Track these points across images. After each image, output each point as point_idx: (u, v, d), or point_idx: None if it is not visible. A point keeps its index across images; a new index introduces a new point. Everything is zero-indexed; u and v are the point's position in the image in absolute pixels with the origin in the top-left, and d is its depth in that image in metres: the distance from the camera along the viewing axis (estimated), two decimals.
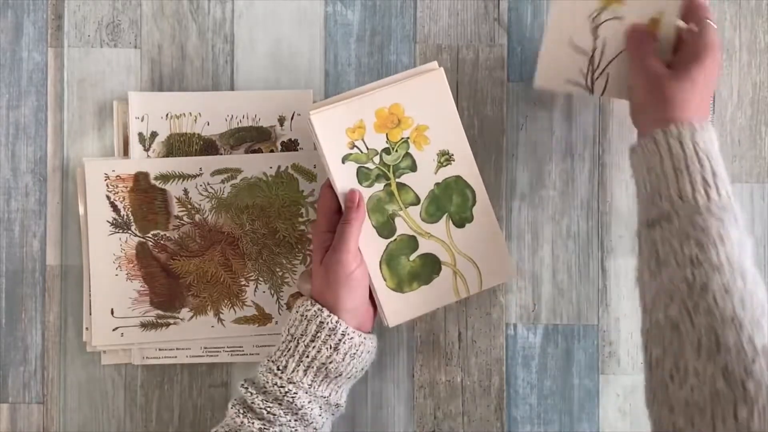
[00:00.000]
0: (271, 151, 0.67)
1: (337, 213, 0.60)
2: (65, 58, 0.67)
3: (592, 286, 0.68)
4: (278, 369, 0.56)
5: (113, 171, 0.66)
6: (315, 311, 0.57)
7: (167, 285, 0.66)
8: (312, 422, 0.56)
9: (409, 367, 0.68)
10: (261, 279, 0.67)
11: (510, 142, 0.68)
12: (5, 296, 0.67)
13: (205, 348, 0.67)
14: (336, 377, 0.57)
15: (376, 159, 0.61)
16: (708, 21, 0.57)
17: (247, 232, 0.67)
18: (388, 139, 0.61)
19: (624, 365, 0.68)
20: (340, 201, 0.60)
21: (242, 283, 0.67)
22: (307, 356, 0.56)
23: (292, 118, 0.67)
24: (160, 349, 0.67)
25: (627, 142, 0.68)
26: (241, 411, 0.56)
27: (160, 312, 0.66)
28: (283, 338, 0.58)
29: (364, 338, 0.58)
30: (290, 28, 0.68)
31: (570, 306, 0.68)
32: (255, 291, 0.67)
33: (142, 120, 0.66)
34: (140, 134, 0.66)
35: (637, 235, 0.57)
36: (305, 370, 0.56)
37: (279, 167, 0.66)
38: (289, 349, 0.57)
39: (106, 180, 0.66)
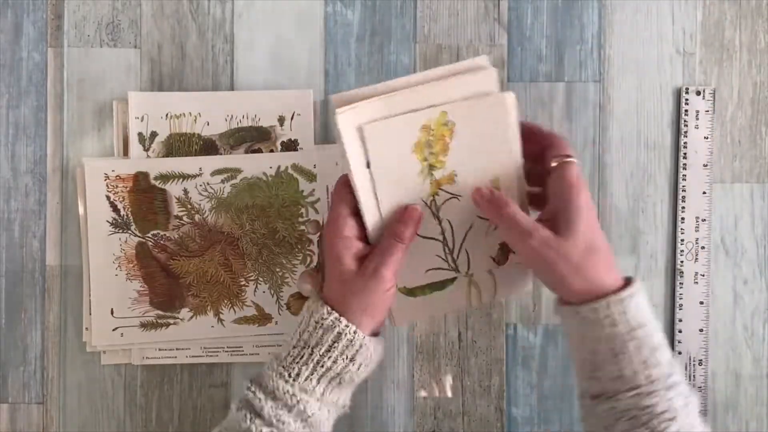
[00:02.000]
0: (271, 151, 0.67)
1: (356, 215, 0.55)
2: (65, 58, 0.67)
3: None
4: (290, 376, 0.54)
5: (113, 171, 0.66)
6: (332, 320, 0.53)
7: (167, 285, 0.66)
8: (320, 426, 0.55)
9: (409, 366, 0.68)
10: (261, 279, 0.67)
11: None
12: (5, 296, 0.67)
13: (205, 348, 0.67)
14: (348, 384, 0.56)
15: None
16: (566, 160, 0.53)
17: (247, 232, 0.67)
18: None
19: None
20: (361, 208, 0.54)
21: (242, 283, 0.67)
22: (322, 366, 0.54)
23: (292, 118, 0.67)
24: (160, 349, 0.67)
25: (627, 143, 0.68)
26: (249, 416, 0.53)
27: (159, 312, 0.66)
28: (293, 342, 0.55)
29: (377, 344, 0.56)
30: (290, 28, 0.68)
31: None
32: (255, 291, 0.67)
33: (141, 120, 0.66)
34: (140, 134, 0.66)
35: (579, 399, 0.54)
36: (319, 379, 0.54)
37: (279, 167, 0.66)
38: (302, 357, 0.54)
39: (105, 180, 0.66)
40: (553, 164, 0.54)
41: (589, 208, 0.52)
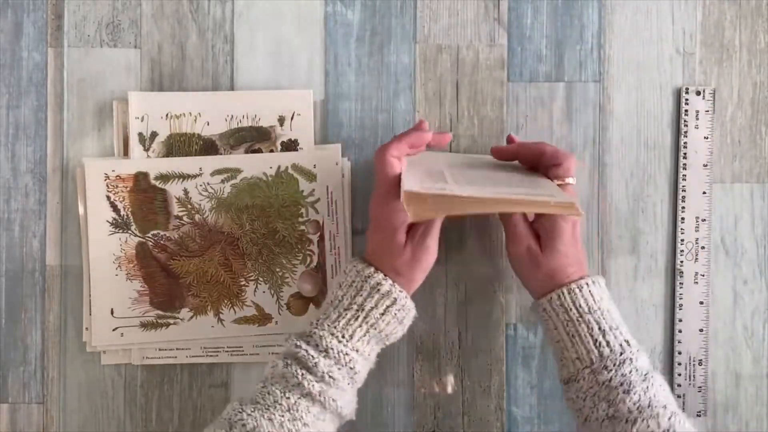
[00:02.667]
0: (271, 151, 0.67)
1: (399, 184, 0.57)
2: (65, 58, 0.67)
3: None
4: (343, 337, 0.57)
5: (113, 171, 0.66)
6: (389, 287, 0.57)
7: (167, 285, 0.66)
8: (360, 381, 0.58)
9: (409, 366, 0.68)
10: (261, 279, 0.67)
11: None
12: (5, 296, 0.67)
13: (205, 348, 0.67)
14: (389, 341, 0.60)
15: None
16: (564, 182, 0.59)
17: (247, 232, 0.67)
18: None
19: None
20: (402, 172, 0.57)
21: (242, 283, 0.67)
22: (376, 328, 0.58)
23: (292, 118, 0.67)
24: (160, 349, 0.67)
25: (627, 143, 0.68)
26: (300, 371, 0.55)
27: (160, 312, 0.66)
28: (345, 305, 0.58)
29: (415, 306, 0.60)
30: (290, 28, 0.68)
31: None
32: (255, 291, 0.67)
33: (142, 120, 0.66)
34: (140, 134, 0.66)
35: (562, 389, 0.60)
36: (369, 340, 0.58)
37: (279, 167, 0.66)
38: (357, 318, 0.57)
39: (106, 180, 0.66)
40: (556, 183, 0.59)
41: (572, 231, 0.59)
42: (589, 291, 0.58)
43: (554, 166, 0.59)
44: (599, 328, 0.57)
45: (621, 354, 0.56)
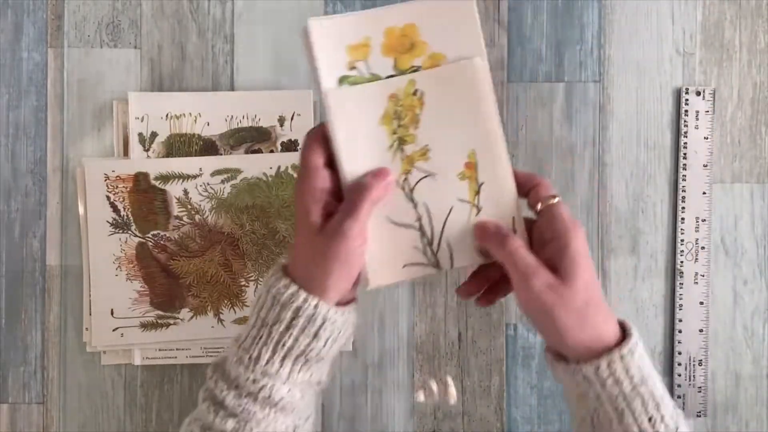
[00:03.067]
0: (271, 151, 0.67)
1: (331, 166, 0.50)
2: (65, 58, 0.67)
3: None
4: (250, 360, 0.49)
5: (113, 171, 0.66)
6: (289, 295, 0.48)
7: (167, 285, 0.66)
8: (294, 408, 0.50)
9: (409, 367, 0.68)
10: (261, 279, 0.67)
11: (510, 143, 0.68)
12: (5, 296, 0.67)
13: (205, 348, 0.67)
14: (318, 361, 0.50)
15: None
16: (552, 201, 0.50)
17: (247, 232, 0.67)
18: (396, 65, 0.51)
19: None
20: (330, 135, 0.50)
21: (242, 283, 0.67)
22: (283, 345, 0.48)
23: (292, 118, 0.67)
24: (160, 350, 0.67)
25: (627, 143, 0.68)
26: (211, 408, 0.49)
27: (160, 312, 0.66)
28: (252, 321, 0.50)
29: (348, 315, 0.50)
30: (290, 28, 0.68)
31: None
32: (255, 291, 0.67)
33: (141, 120, 0.66)
34: (140, 134, 0.66)
35: None
36: (282, 360, 0.49)
37: (279, 167, 0.66)
38: (261, 337, 0.49)
39: (106, 180, 0.66)
40: (540, 207, 0.50)
41: (586, 252, 0.49)
42: (640, 355, 0.49)
43: (531, 190, 0.51)
44: (654, 401, 0.48)
45: (677, 430, 0.48)
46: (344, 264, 0.48)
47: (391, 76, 0.51)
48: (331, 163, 0.50)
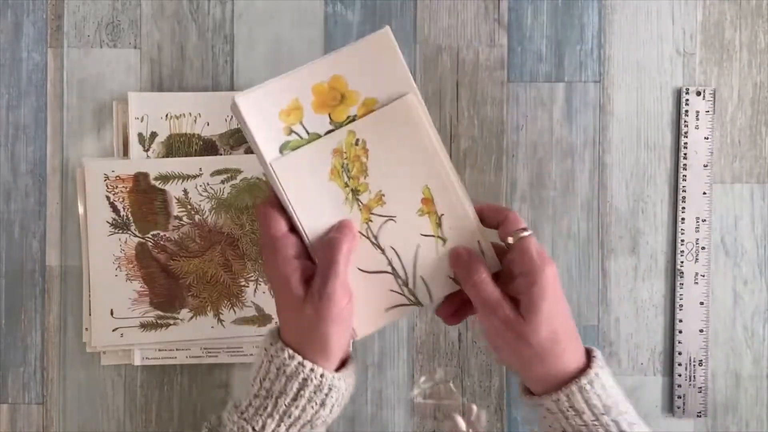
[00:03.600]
0: None
1: (293, 231, 0.51)
2: (65, 58, 0.67)
3: (592, 286, 0.68)
4: (254, 430, 0.49)
5: (113, 171, 0.66)
6: (295, 367, 0.48)
7: (167, 285, 0.66)
8: None
9: (409, 367, 0.68)
10: (261, 279, 0.67)
11: (510, 143, 0.68)
12: (5, 297, 0.67)
13: (205, 348, 0.67)
14: (322, 426, 0.51)
15: None
16: (522, 235, 0.50)
17: (246, 232, 0.67)
18: (332, 120, 0.51)
19: (624, 365, 0.68)
20: (285, 204, 0.50)
21: (242, 283, 0.67)
22: (290, 416, 0.49)
23: None
24: (159, 350, 0.67)
25: (627, 143, 0.68)
26: None
27: (159, 312, 0.66)
28: (255, 390, 0.49)
29: (349, 377, 0.51)
30: (290, 28, 0.68)
31: (570, 306, 0.68)
32: (255, 291, 0.67)
33: (141, 120, 0.66)
34: (140, 134, 0.66)
35: None
36: (287, 429, 0.49)
37: None
38: (266, 407, 0.49)
39: (105, 180, 0.66)
40: (510, 241, 0.50)
41: (554, 286, 0.48)
42: (602, 384, 0.49)
43: (500, 224, 0.51)
44: (619, 431, 0.48)
45: None
46: (339, 324, 0.49)
47: (330, 131, 0.51)
48: (292, 229, 0.51)
